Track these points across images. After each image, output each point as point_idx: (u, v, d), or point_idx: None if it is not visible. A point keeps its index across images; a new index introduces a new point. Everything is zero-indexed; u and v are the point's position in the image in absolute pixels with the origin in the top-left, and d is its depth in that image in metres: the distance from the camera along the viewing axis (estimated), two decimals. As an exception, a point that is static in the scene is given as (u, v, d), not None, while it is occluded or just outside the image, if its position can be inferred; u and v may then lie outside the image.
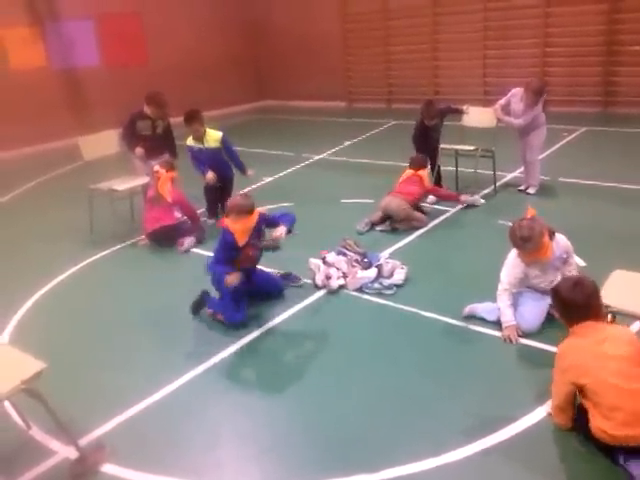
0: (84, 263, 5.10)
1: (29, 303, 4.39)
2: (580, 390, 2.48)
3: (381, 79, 12.24)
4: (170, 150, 5.95)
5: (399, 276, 4.17)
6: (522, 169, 6.24)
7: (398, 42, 11.83)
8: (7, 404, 2.93)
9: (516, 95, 5.86)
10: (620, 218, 5.17)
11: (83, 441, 2.80)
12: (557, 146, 7.66)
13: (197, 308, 3.95)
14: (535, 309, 3.46)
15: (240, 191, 5.77)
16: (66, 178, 8.11)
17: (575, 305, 2.58)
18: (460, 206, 5.73)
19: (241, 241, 3.80)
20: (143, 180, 5.74)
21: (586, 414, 2.49)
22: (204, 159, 5.74)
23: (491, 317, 3.56)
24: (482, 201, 5.86)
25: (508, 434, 2.68)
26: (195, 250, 5.18)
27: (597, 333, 2.54)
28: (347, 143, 9.21)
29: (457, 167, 6.31)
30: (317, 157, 8.42)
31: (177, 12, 12.04)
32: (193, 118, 5.62)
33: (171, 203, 5.35)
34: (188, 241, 5.21)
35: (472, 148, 6.05)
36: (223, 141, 5.74)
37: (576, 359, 2.50)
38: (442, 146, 6.08)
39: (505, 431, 2.70)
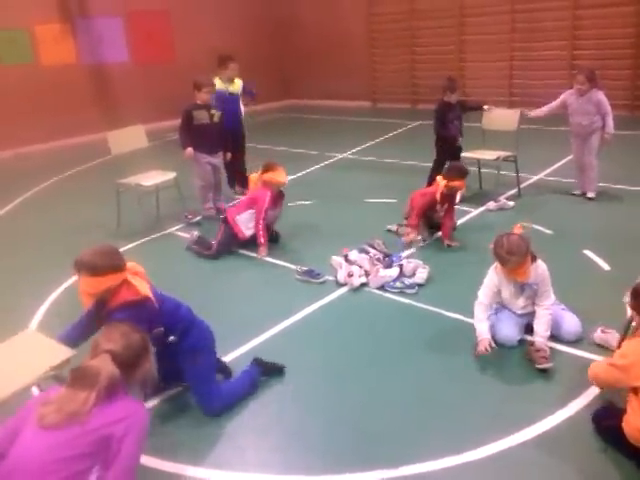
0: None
1: (57, 293, 4.47)
2: (634, 391, 2.39)
3: (406, 79, 12.22)
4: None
5: (421, 275, 4.17)
6: (572, 173, 6.10)
7: (424, 43, 11.81)
8: (35, 389, 3.01)
9: (571, 94, 5.75)
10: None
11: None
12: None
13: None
14: (511, 321, 3.39)
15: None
16: (95, 172, 8.25)
17: None
18: (485, 207, 5.71)
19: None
20: (171, 175, 5.78)
21: (621, 415, 2.45)
22: (224, 105, 6.07)
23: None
24: (511, 204, 5.76)
25: (528, 435, 2.67)
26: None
27: None
28: (371, 143, 9.22)
29: (480, 170, 6.27)
30: (340, 156, 8.44)
31: (204, 10, 12.17)
32: (231, 59, 6.35)
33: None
34: None
35: (494, 158, 5.90)
36: (242, 87, 6.49)
37: (637, 361, 2.39)
38: (464, 155, 6.02)
39: (524, 432, 2.68)
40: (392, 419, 2.86)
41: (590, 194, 5.83)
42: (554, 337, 3.34)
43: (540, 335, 3.24)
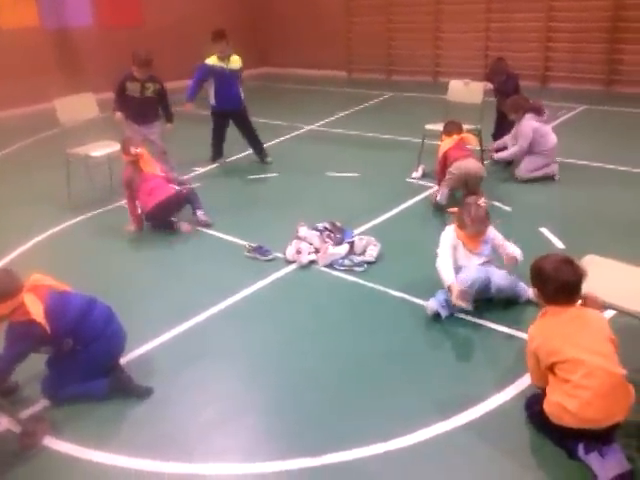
0: (58, 228, 5.01)
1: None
2: (550, 369, 2.35)
3: (382, 49, 11.93)
4: (166, 115, 5.84)
5: (371, 253, 4.06)
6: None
7: (400, 12, 11.50)
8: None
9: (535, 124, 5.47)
10: (614, 202, 4.99)
11: (28, 412, 2.76)
12: (554, 124, 7.45)
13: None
14: (476, 267, 3.40)
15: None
16: (53, 140, 7.96)
17: (559, 284, 2.37)
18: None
19: None
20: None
21: (541, 400, 2.39)
22: (220, 83, 5.96)
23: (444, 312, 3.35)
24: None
25: (460, 421, 2.60)
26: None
27: (569, 312, 2.40)
28: (341, 114, 9.01)
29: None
30: (309, 127, 8.24)
31: (174, -28, 11.72)
32: (221, 36, 5.99)
33: (156, 174, 4.88)
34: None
35: None
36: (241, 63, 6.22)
37: (546, 339, 2.37)
38: (427, 127, 5.88)
39: (457, 418, 2.61)
40: (322, 402, 2.78)
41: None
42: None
43: (518, 253, 3.38)
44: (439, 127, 5.84)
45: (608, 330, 2.39)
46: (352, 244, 4.12)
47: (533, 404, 2.50)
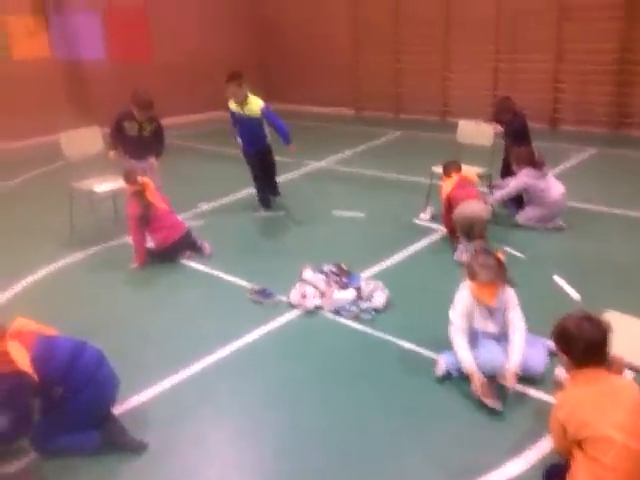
0: (58, 265, 4.91)
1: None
2: (578, 444, 2.16)
3: (390, 88, 11.97)
4: (156, 151, 5.65)
5: (379, 299, 3.92)
6: None
7: (408, 51, 11.58)
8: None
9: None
10: (627, 249, 4.85)
11: (16, 465, 2.62)
12: (564, 167, 7.38)
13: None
14: (495, 348, 3.11)
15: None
16: (61, 173, 7.93)
17: (584, 343, 2.23)
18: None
19: None
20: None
21: (562, 473, 2.23)
22: (241, 127, 5.75)
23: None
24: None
25: (474, 489, 2.44)
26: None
27: (600, 382, 2.23)
28: (349, 152, 8.97)
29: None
30: (316, 165, 8.19)
31: (185, 9, 11.84)
32: (231, 78, 5.57)
33: (167, 209, 4.95)
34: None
35: None
36: (263, 111, 5.60)
37: (576, 409, 2.19)
38: (434, 169, 5.78)
39: (471, 485, 2.45)
40: (323, 464, 2.63)
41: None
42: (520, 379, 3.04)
43: (511, 363, 2.96)
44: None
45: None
46: (359, 289, 3.99)
47: (553, 476, 2.32)
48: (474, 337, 3.15)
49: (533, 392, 3.03)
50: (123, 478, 2.58)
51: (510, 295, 3.15)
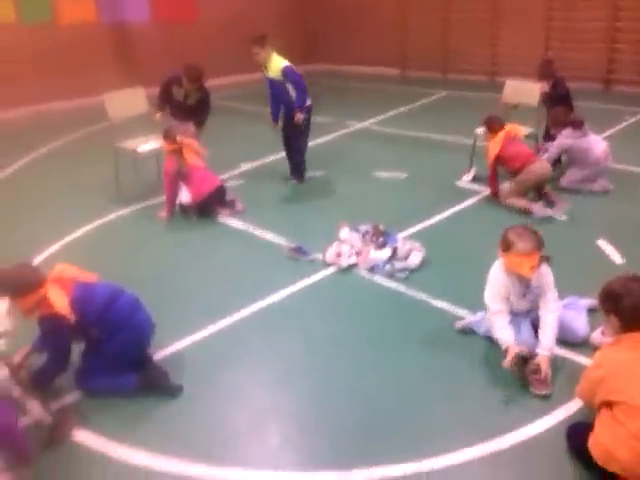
0: (106, 219, 5.08)
1: (47, 254, 4.40)
2: (607, 404, 2.16)
3: (437, 47, 11.67)
4: (198, 120, 5.73)
5: (414, 259, 3.92)
6: None
7: (457, 9, 11.22)
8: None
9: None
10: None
11: (59, 403, 2.77)
12: (617, 129, 7.08)
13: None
14: (525, 327, 2.97)
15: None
16: (106, 132, 8.12)
17: (632, 303, 2.19)
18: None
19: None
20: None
21: (585, 433, 2.22)
22: (272, 87, 5.51)
23: (479, 329, 3.15)
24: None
25: (500, 445, 2.45)
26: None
27: None
28: (392, 112, 8.86)
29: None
30: (359, 125, 8.12)
31: (230, -32, 11.77)
32: (253, 40, 5.42)
33: (202, 165, 5.06)
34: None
35: None
36: (285, 73, 5.30)
37: (613, 372, 2.17)
38: (477, 131, 5.63)
39: (497, 441, 2.46)
40: (353, 416, 2.67)
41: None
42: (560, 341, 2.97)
43: (544, 347, 2.79)
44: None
45: None
46: (395, 249, 3.99)
47: (576, 435, 2.32)
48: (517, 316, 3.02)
49: (570, 354, 3.00)
50: (159, 419, 2.70)
51: (546, 272, 2.95)
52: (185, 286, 3.91)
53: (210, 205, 4.98)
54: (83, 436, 2.59)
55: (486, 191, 5.26)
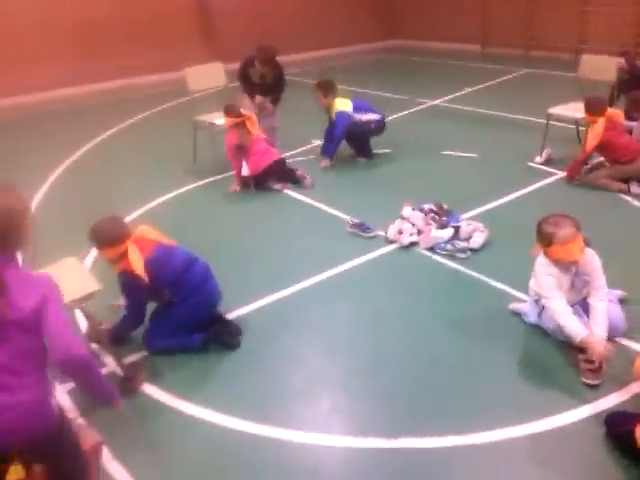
0: (183, 189, 5.36)
1: (132, 216, 4.70)
2: None
3: (521, 22, 11.23)
4: (274, 97, 5.94)
5: (477, 239, 3.92)
6: None
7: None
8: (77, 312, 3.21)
9: None
10: None
11: (130, 359, 3.03)
12: None
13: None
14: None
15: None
16: (188, 105, 8.44)
17: None
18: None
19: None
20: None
21: (634, 421, 2.22)
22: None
23: (529, 319, 3.12)
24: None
25: (545, 426, 2.47)
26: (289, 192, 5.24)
27: None
28: (469, 90, 8.68)
29: (579, 137, 5.62)
30: (432, 103, 8.03)
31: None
32: (317, 86, 5.67)
33: (263, 137, 5.31)
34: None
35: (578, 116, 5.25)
36: (336, 117, 5.56)
37: None
38: (550, 111, 5.47)
39: (543, 422, 2.49)
40: (404, 387, 2.77)
41: None
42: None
43: (599, 336, 2.72)
44: (564, 111, 5.46)
45: None
46: (457, 229, 4.00)
47: (618, 422, 2.30)
48: None
49: (626, 341, 2.95)
50: (219, 375, 2.91)
51: (592, 257, 2.83)
52: (249, 255, 4.10)
53: (268, 177, 5.17)
54: (150, 390, 2.83)
55: (560, 174, 5.13)
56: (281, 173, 5.25)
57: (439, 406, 2.64)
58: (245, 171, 5.22)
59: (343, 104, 5.59)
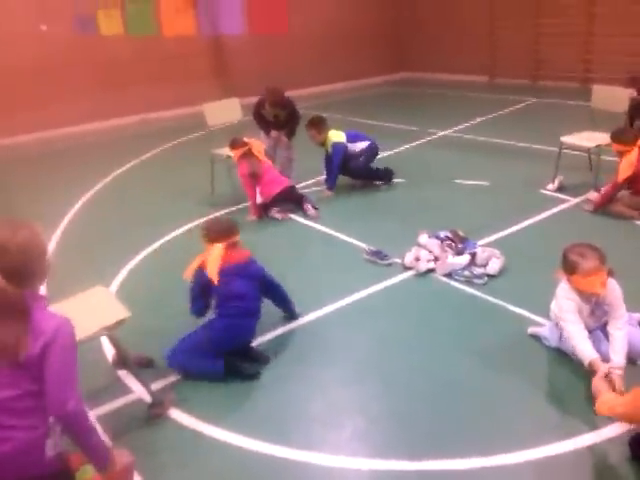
0: (201, 220, 5.43)
1: (147, 251, 4.80)
2: None
3: (528, 53, 11.47)
4: (288, 131, 6.09)
5: (494, 265, 3.98)
6: None
7: (549, 14, 10.98)
8: (103, 340, 3.29)
9: None
10: None
11: (158, 384, 3.09)
12: None
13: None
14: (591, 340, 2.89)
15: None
16: (205, 140, 8.65)
17: None
18: (584, 197, 5.26)
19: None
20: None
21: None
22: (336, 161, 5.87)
23: (549, 343, 3.15)
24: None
25: (565, 447, 2.50)
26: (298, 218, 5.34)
27: None
28: (479, 120, 8.83)
29: (591, 165, 5.72)
30: (442, 133, 8.17)
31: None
32: (309, 124, 5.86)
33: (271, 164, 5.53)
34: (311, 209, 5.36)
35: (593, 145, 5.34)
36: (332, 148, 5.80)
37: None
38: (563, 139, 5.56)
39: (563, 444, 2.52)
40: (425, 411, 2.80)
41: None
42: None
43: (617, 365, 2.73)
44: (577, 140, 5.55)
45: None
46: (474, 255, 4.07)
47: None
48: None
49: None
50: (243, 399, 2.96)
51: (613, 287, 2.88)
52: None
53: (275, 205, 5.33)
54: (176, 414, 2.89)
55: (572, 200, 5.21)
56: (290, 200, 5.41)
57: (459, 429, 2.67)
58: (259, 199, 5.37)
59: (337, 136, 5.85)
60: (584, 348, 2.78)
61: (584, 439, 2.54)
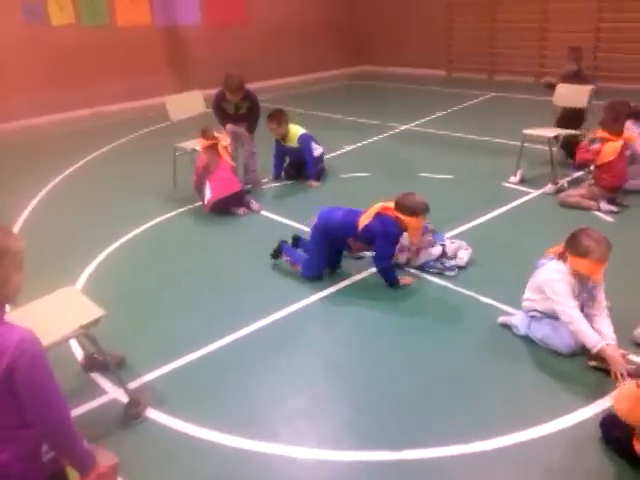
0: (162, 218, 5.35)
1: (109, 250, 4.67)
2: None
3: (484, 48, 11.70)
4: (249, 125, 6.01)
5: (462, 257, 4.05)
6: None
7: (505, 10, 11.22)
8: (73, 342, 3.19)
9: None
10: None
11: (133, 384, 3.01)
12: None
13: (276, 254, 4.22)
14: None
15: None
16: (162, 133, 8.47)
17: None
18: (545, 189, 5.41)
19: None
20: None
21: (621, 426, 2.32)
22: (290, 157, 6.02)
23: (519, 331, 3.25)
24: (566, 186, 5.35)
25: (543, 431, 2.58)
26: (265, 213, 5.30)
27: None
28: (439, 114, 8.96)
29: (552, 156, 5.84)
30: (403, 127, 8.25)
31: (278, -28, 12.07)
32: (270, 117, 5.85)
33: (231, 164, 5.43)
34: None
35: (552, 135, 5.55)
36: (301, 141, 5.85)
37: None
38: (525, 132, 5.71)
39: (542, 427, 2.59)
40: (404, 401, 2.83)
41: None
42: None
43: (609, 337, 2.90)
44: (539, 132, 5.68)
45: None
46: (443, 247, 4.12)
47: (611, 428, 2.41)
48: (554, 316, 3.07)
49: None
50: (222, 396, 2.92)
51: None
52: (236, 280, 4.11)
53: (227, 205, 5.23)
54: (154, 413, 2.83)
55: (533, 193, 5.35)
56: (239, 202, 5.33)
57: (440, 416, 2.71)
58: (208, 195, 5.23)
59: (299, 128, 5.93)
60: (590, 334, 2.87)
61: (557, 423, 2.62)
